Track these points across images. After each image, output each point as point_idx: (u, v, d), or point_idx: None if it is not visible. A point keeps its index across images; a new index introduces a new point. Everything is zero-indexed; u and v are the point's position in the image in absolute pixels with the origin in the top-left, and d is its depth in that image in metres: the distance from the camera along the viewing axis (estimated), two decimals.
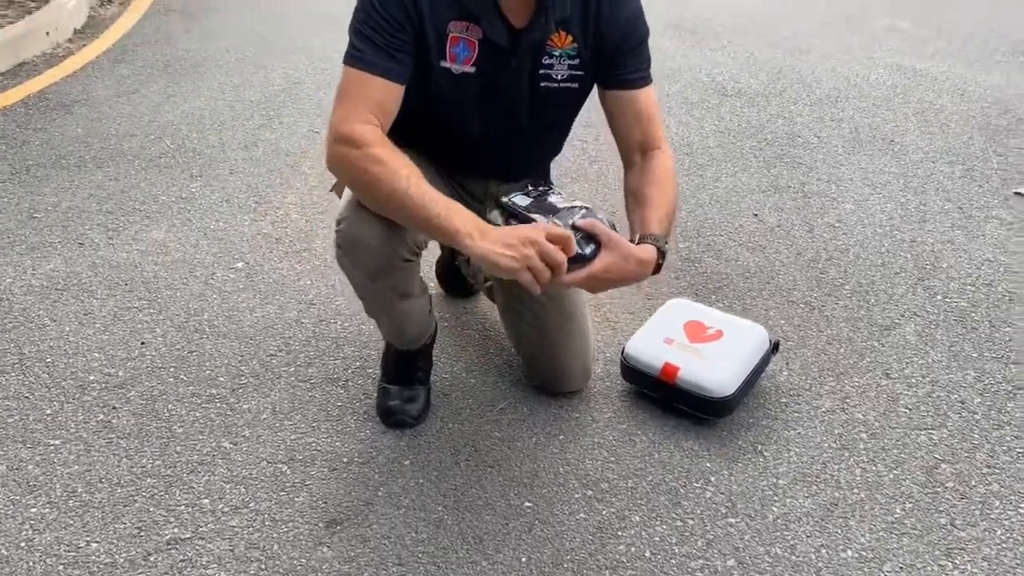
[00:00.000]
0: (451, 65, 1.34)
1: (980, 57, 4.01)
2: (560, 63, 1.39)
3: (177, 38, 4.16)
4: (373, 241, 1.29)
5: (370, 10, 1.26)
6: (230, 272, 2.13)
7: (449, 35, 1.31)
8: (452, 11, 1.30)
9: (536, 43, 1.36)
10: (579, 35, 1.37)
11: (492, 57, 1.34)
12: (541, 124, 1.48)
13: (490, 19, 1.31)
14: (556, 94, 1.42)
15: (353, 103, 1.25)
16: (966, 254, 2.28)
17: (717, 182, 2.70)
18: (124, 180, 2.62)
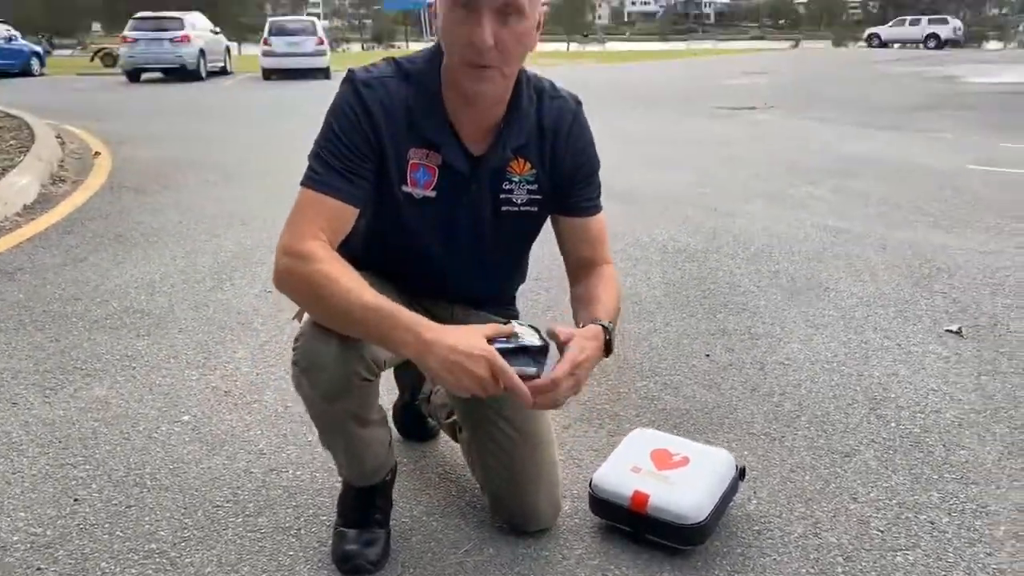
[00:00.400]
0: (412, 190, 1.39)
1: (894, 219, 4.31)
2: (520, 188, 1.45)
3: (130, 212, 4.23)
4: (330, 358, 1.27)
5: (330, 135, 1.32)
6: (175, 425, 2.04)
7: (410, 161, 1.37)
8: (412, 139, 1.36)
9: (495, 169, 1.42)
10: (536, 162, 1.44)
11: (452, 182, 1.40)
12: (503, 247, 1.52)
13: (449, 146, 1.37)
14: (516, 218, 1.47)
15: (304, 221, 1.27)
16: (911, 385, 2.33)
17: (667, 326, 2.77)
18: (65, 341, 2.55)
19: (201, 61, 17.77)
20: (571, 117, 1.47)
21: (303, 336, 1.30)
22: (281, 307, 2.88)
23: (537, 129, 1.43)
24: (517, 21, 1.22)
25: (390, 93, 1.34)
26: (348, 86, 1.34)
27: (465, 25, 1.21)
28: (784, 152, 6.66)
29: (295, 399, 2.18)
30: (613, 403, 2.22)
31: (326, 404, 1.32)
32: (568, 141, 1.46)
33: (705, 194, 4.95)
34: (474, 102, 1.34)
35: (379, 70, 1.36)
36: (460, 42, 1.23)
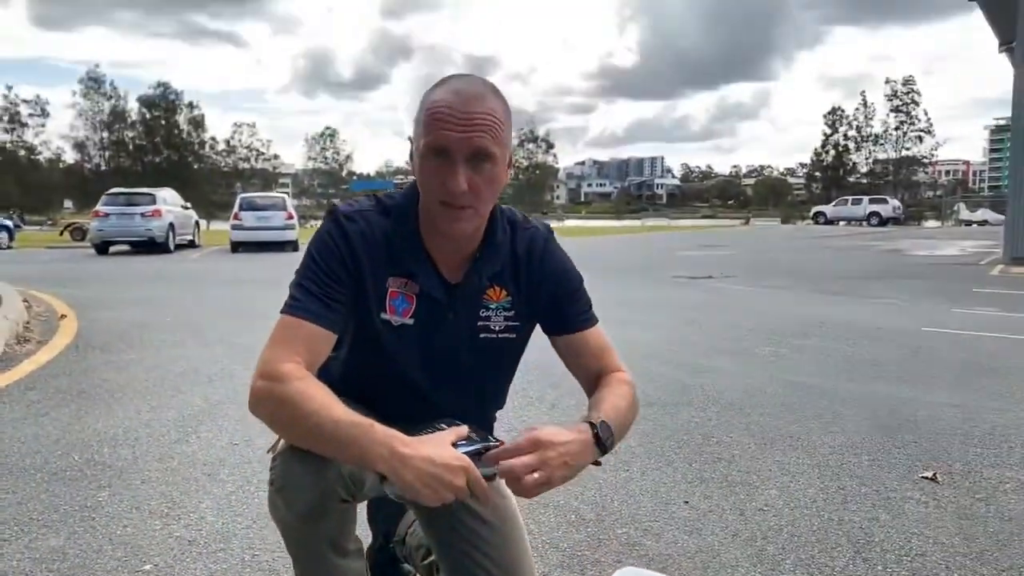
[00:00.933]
0: (391, 317, 1.42)
1: (858, 375, 4.42)
2: (497, 315, 1.49)
3: (94, 370, 4.17)
4: (307, 476, 1.25)
5: (310, 264, 1.36)
6: (136, 574, 1.93)
7: (389, 290, 1.41)
8: (391, 268, 1.41)
9: (471, 296, 1.46)
10: (512, 289, 1.49)
11: (430, 310, 1.43)
12: (483, 374, 1.53)
13: (426, 275, 1.42)
14: (495, 344, 1.50)
15: (281, 345, 1.28)
16: (894, 529, 2.31)
17: (644, 475, 2.74)
18: (21, 492, 2.44)
19: (170, 234, 18.14)
20: (542, 243, 1.53)
21: (280, 455, 1.28)
22: (248, 459, 2.81)
23: (511, 257, 1.50)
24: (489, 166, 1.30)
25: (371, 225, 1.40)
26: (330, 219, 1.40)
27: (440, 171, 1.29)
28: (743, 315, 6.87)
29: (263, 548, 2.10)
30: (594, 550, 2.16)
31: (303, 526, 1.28)
32: (542, 265, 1.51)
33: (672, 352, 5.05)
34: (451, 238, 1.40)
35: (360, 204, 1.44)
36: (436, 186, 1.31)
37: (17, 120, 55.30)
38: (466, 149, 1.27)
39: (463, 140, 1.26)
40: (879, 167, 61.92)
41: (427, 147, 1.28)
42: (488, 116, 1.28)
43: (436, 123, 1.26)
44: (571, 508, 2.44)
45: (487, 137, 1.27)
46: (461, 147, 1.26)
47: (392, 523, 1.89)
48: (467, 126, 1.26)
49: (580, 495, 2.54)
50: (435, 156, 1.28)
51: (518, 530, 1.58)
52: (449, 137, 1.26)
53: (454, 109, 1.26)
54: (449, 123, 1.26)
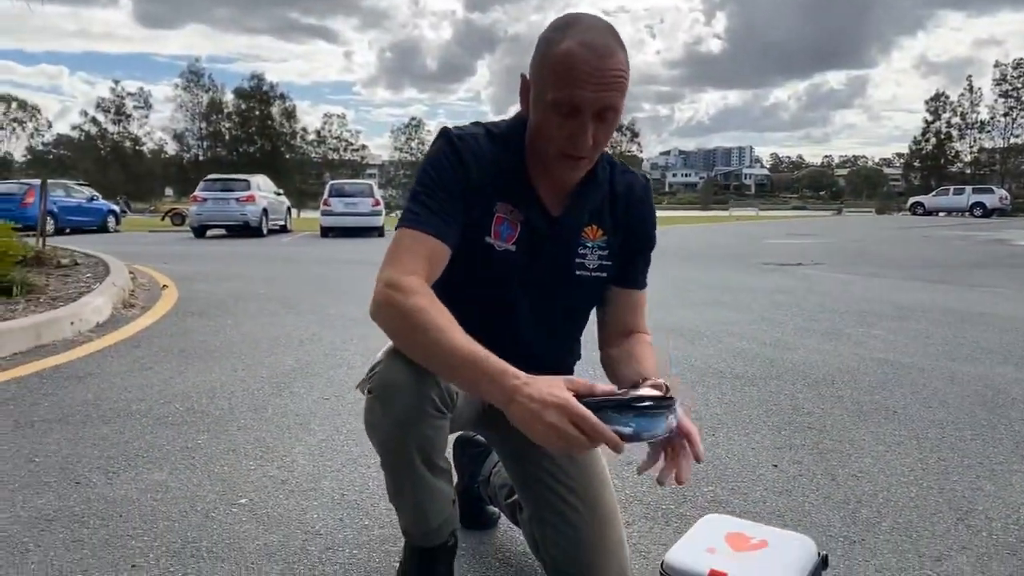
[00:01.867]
0: (495, 242, 1.43)
1: (959, 355, 4.21)
2: (592, 253, 1.49)
3: (194, 332, 4.35)
4: (405, 384, 1.27)
5: (426, 180, 1.38)
6: (232, 507, 2.01)
7: (496, 214, 1.42)
8: (499, 194, 1.42)
9: (571, 231, 1.46)
10: (609, 228, 1.49)
11: (531, 239, 1.44)
12: (570, 311, 1.53)
13: (530, 205, 1.43)
14: (588, 282, 1.50)
15: (403, 257, 1.31)
16: (1000, 500, 2.20)
17: (730, 441, 2.68)
18: (129, 433, 2.57)
19: (264, 219, 18.77)
20: (641, 190, 1.54)
21: (380, 365, 1.31)
22: (338, 411, 2.89)
23: (610, 196, 1.49)
24: (613, 117, 1.30)
25: (482, 148, 1.41)
26: (443, 139, 1.41)
27: (567, 125, 1.28)
28: (835, 300, 6.63)
29: (351, 488, 2.15)
30: (679, 505, 2.13)
31: (398, 433, 1.30)
32: (639, 212, 1.52)
33: (759, 331, 4.92)
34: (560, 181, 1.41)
35: (471, 129, 1.45)
36: (560, 138, 1.30)
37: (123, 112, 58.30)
38: (598, 106, 1.26)
39: (596, 99, 1.25)
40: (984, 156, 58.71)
41: (556, 101, 1.27)
42: (619, 72, 1.26)
43: (569, 79, 1.24)
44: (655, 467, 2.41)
45: (617, 94, 1.26)
46: (594, 104, 1.26)
47: (477, 464, 1.91)
48: (600, 84, 1.24)
49: None
50: (564, 110, 1.27)
51: (599, 464, 1.57)
52: (584, 96, 1.25)
53: (590, 66, 1.24)
54: (583, 81, 1.24)
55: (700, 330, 4.86)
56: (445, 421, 1.33)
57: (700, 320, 5.27)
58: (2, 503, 2.00)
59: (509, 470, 1.65)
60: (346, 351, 3.97)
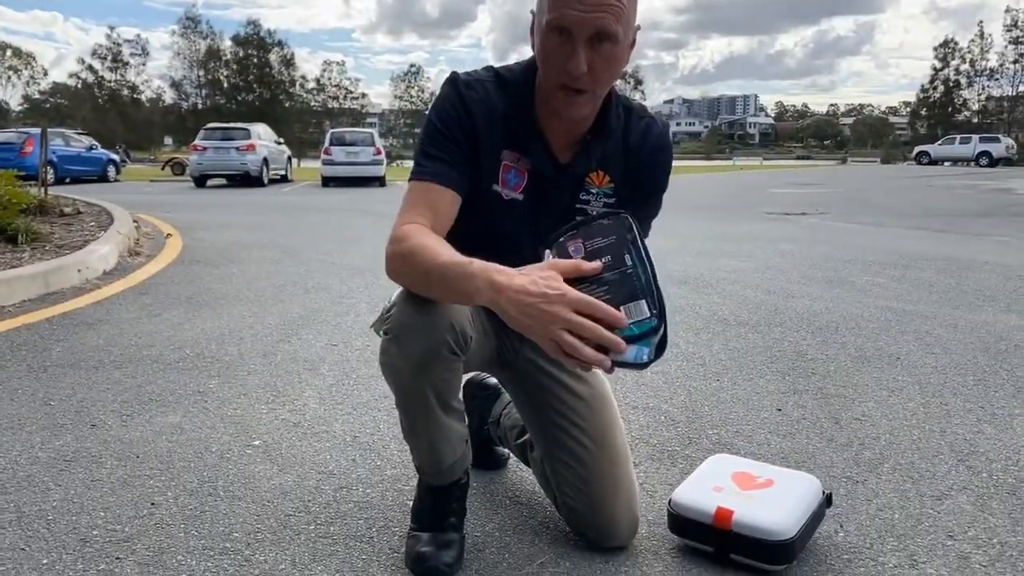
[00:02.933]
0: (502, 190, 1.43)
1: (962, 303, 4.23)
2: (596, 200, 1.48)
3: (200, 280, 4.37)
4: (421, 326, 1.29)
5: (432, 131, 1.38)
6: (247, 448, 2.05)
7: (503, 162, 1.42)
8: (505, 141, 1.41)
9: (576, 177, 1.46)
10: (618, 176, 1.48)
11: (538, 187, 1.44)
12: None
13: (538, 152, 1.42)
14: None
15: (408, 210, 1.33)
16: (1000, 442, 2.23)
17: (735, 386, 2.71)
18: (141, 377, 2.61)
19: (264, 169, 18.66)
20: (656, 137, 1.51)
21: (395, 307, 1.32)
22: (347, 357, 2.92)
23: (623, 145, 1.48)
24: (610, 47, 1.27)
25: (489, 95, 1.40)
26: (451, 86, 1.40)
27: (560, 51, 1.26)
28: (839, 248, 6.63)
29: (362, 431, 2.19)
30: (684, 446, 2.17)
31: (414, 374, 1.32)
32: (651, 156, 1.50)
33: (763, 279, 4.93)
34: (566, 120, 1.39)
35: (480, 75, 1.43)
36: (555, 67, 1.29)
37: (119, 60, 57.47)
38: (589, 29, 1.24)
39: (586, 19, 1.23)
40: (993, 104, 57.95)
41: (549, 24, 1.26)
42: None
43: (561, 1, 1.23)
44: (661, 411, 2.45)
45: (609, 17, 1.24)
46: (584, 26, 1.23)
47: (487, 406, 1.94)
48: (592, 7, 1.22)
49: (670, 399, 2.55)
50: (557, 34, 1.26)
51: (610, 405, 1.60)
52: (572, 16, 1.23)
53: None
54: (574, 2, 1.22)
55: (705, 279, 4.88)
56: (460, 363, 1.35)
57: (705, 269, 5.28)
58: (21, 445, 2.04)
59: (520, 410, 1.68)
60: (352, 299, 3.99)
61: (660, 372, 2.81)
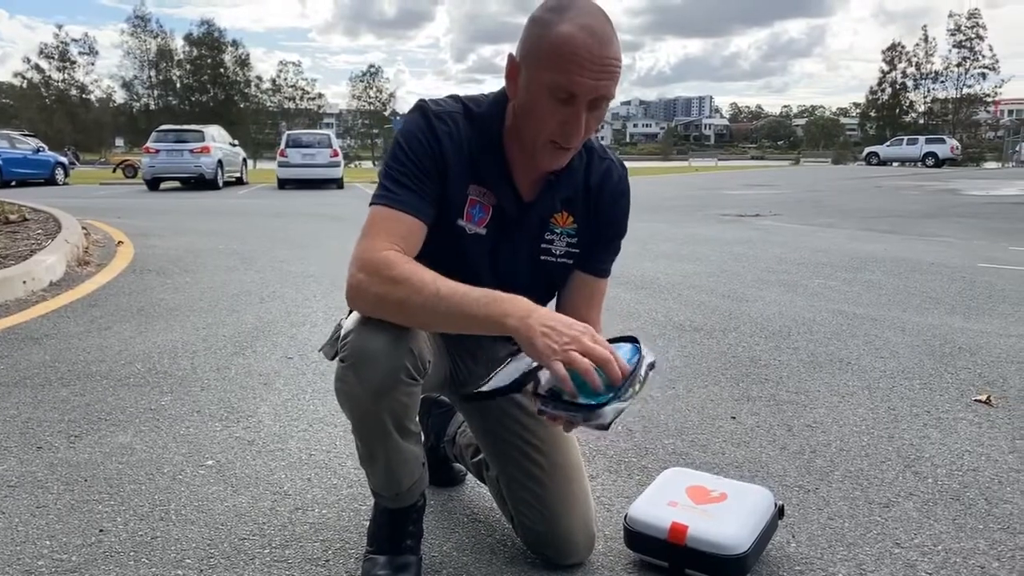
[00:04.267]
0: (466, 224, 1.42)
1: (910, 306, 4.34)
2: (560, 239, 1.49)
3: (152, 290, 4.29)
4: (379, 352, 1.27)
5: (400, 156, 1.35)
6: (200, 469, 2.01)
7: (469, 197, 1.41)
8: (471, 175, 1.40)
9: (541, 217, 1.46)
10: (580, 217, 1.49)
11: (501, 223, 1.44)
12: (533, 292, 1.54)
13: (503, 189, 1.41)
14: (553, 267, 1.51)
15: (377, 235, 1.29)
16: (945, 447, 2.29)
17: (690, 393, 2.75)
18: (90, 396, 2.55)
19: (219, 171, 18.37)
20: (617, 179, 1.52)
21: (352, 333, 1.30)
22: (302, 371, 2.89)
23: (584, 186, 1.49)
24: (604, 108, 1.29)
25: (459, 129, 1.38)
26: (420, 114, 1.38)
27: (560, 114, 1.26)
28: (792, 251, 6.75)
29: (319, 448, 2.17)
30: (641, 457, 2.19)
31: (372, 401, 1.31)
32: (611, 201, 1.51)
33: (718, 283, 5.00)
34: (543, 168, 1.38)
35: (449, 106, 1.40)
36: (551, 125, 1.28)
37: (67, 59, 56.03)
38: (594, 94, 1.24)
39: (594, 87, 1.23)
40: (938, 106, 59.52)
41: (554, 86, 1.23)
42: (618, 60, 1.25)
43: (570, 64, 1.21)
44: (618, 420, 2.46)
45: (613, 84, 1.25)
46: (591, 93, 1.24)
47: (443, 424, 1.94)
48: (600, 72, 1.22)
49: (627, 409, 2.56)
50: (560, 96, 1.24)
51: None
52: (583, 83, 1.22)
53: (591, 53, 1.21)
54: (584, 68, 1.21)
55: (661, 282, 4.93)
56: (418, 387, 1.34)
57: (661, 273, 5.34)
58: None
59: (474, 430, 1.68)
60: (308, 308, 3.95)
61: None
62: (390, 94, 69.97)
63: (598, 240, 1.52)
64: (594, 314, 1.54)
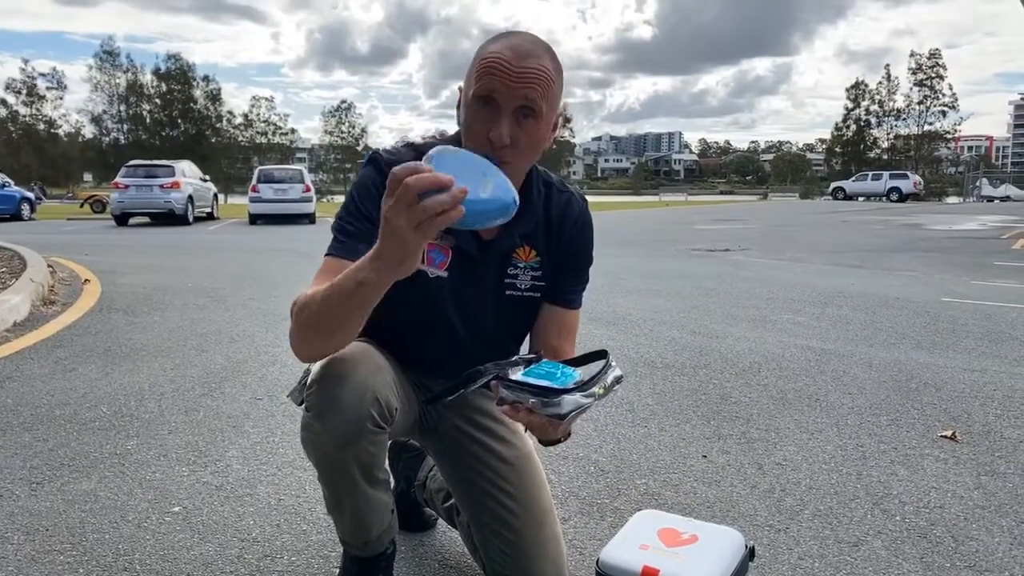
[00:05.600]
0: (427, 268, 1.42)
1: (876, 341, 4.41)
2: (524, 274, 1.50)
3: (119, 330, 4.23)
4: (345, 402, 1.27)
5: (351, 207, 1.36)
6: (165, 516, 1.97)
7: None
8: None
9: (502, 254, 1.47)
10: (542, 251, 1.50)
11: (462, 263, 1.44)
12: (504, 328, 1.55)
13: (460, 230, 1.42)
14: (519, 302, 1.51)
15: (313, 282, 1.28)
16: (912, 483, 2.32)
17: (662, 431, 2.76)
18: (53, 440, 2.49)
19: (189, 206, 18.24)
20: (578, 211, 1.54)
21: (317, 382, 1.30)
22: (272, 412, 2.86)
23: (544, 220, 1.51)
24: (534, 122, 1.30)
25: None
26: (372, 165, 1.39)
27: (485, 120, 1.29)
28: (761, 286, 6.84)
29: (288, 492, 2.14)
30: (613, 498, 2.19)
31: (338, 451, 1.30)
32: (573, 232, 1.53)
33: (689, 319, 5.05)
34: None
35: (402, 153, 1.42)
36: (479, 135, 1.30)
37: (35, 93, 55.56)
38: (514, 100, 1.27)
39: (513, 90, 1.26)
40: (900, 143, 61.06)
41: (476, 95, 1.28)
42: (540, 71, 1.27)
43: (488, 73, 1.26)
44: (590, 460, 2.47)
45: (536, 90, 1.27)
46: (510, 98, 1.26)
47: (413, 468, 1.93)
48: (518, 79, 1.25)
49: (599, 448, 2.57)
50: (482, 104, 1.28)
51: (535, 466, 1.61)
52: (498, 86, 1.26)
53: (508, 61, 1.26)
54: (501, 73, 1.25)
55: (632, 318, 4.96)
56: (385, 435, 1.34)
57: (632, 308, 5.37)
58: None
59: (445, 475, 1.67)
60: (278, 348, 3.91)
61: (589, 419, 2.83)
62: (362, 129, 70.29)
63: (565, 271, 1.53)
64: (567, 345, 1.55)
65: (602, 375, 1.21)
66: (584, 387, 1.18)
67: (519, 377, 1.21)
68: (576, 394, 1.17)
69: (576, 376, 1.20)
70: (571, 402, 1.16)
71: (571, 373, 1.21)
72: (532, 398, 1.17)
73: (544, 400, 1.16)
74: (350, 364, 1.32)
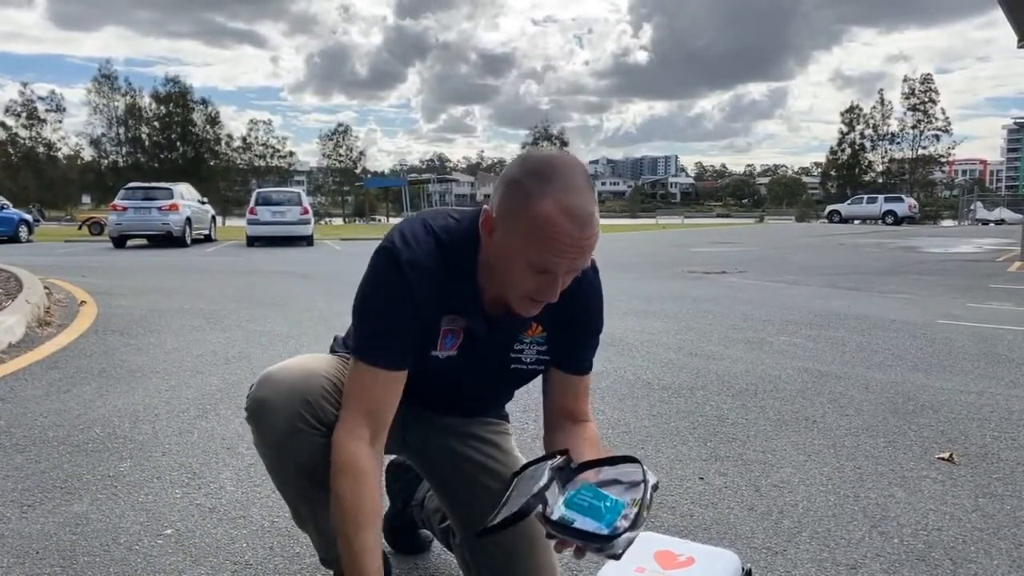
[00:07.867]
0: (440, 352, 1.43)
1: (873, 363, 4.41)
2: (530, 348, 1.50)
3: (114, 352, 4.21)
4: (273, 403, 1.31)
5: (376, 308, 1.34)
6: (158, 539, 1.96)
7: (442, 328, 1.41)
8: (444, 307, 1.39)
9: (508, 331, 1.46)
10: (548, 326, 1.49)
11: (471, 344, 1.44)
12: (505, 392, 1.59)
13: (472, 313, 1.41)
14: (524, 373, 1.52)
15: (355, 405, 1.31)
16: (910, 505, 2.31)
17: (659, 453, 2.75)
18: (46, 462, 2.48)
19: (187, 228, 18.26)
20: (587, 284, 1.48)
21: (253, 387, 1.34)
22: None
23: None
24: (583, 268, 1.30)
25: (430, 271, 1.34)
26: (391, 262, 1.33)
27: (536, 280, 1.26)
28: (758, 308, 6.85)
29: (282, 515, 2.12)
30: None
31: (277, 454, 1.33)
32: (582, 305, 1.50)
33: (686, 341, 5.05)
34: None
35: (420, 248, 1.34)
36: (529, 289, 1.28)
37: (35, 116, 55.77)
38: (571, 270, 1.27)
39: (573, 262, 1.25)
40: (895, 166, 61.45)
41: (532, 263, 1.24)
42: (595, 236, 1.25)
43: (549, 247, 1.21)
44: None
45: (591, 254, 1.27)
46: (568, 270, 1.26)
47: (410, 490, 1.92)
48: (579, 252, 1.23)
49: None
50: (538, 270, 1.25)
51: None
52: (561, 264, 1.24)
53: (571, 237, 1.21)
54: (564, 251, 1.22)
55: (629, 340, 4.96)
56: (323, 438, 1.33)
57: (630, 330, 5.37)
58: None
59: (438, 496, 1.66)
60: None
61: None
62: (360, 152, 70.57)
63: (574, 341, 1.51)
64: (581, 407, 1.54)
65: (646, 498, 1.19)
66: (635, 523, 1.16)
67: (566, 516, 1.18)
68: (628, 532, 1.16)
69: (622, 505, 1.18)
70: (624, 541, 1.16)
71: (616, 503, 1.18)
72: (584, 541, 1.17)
73: (600, 546, 1.16)
74: (284, 371, 1.38)
